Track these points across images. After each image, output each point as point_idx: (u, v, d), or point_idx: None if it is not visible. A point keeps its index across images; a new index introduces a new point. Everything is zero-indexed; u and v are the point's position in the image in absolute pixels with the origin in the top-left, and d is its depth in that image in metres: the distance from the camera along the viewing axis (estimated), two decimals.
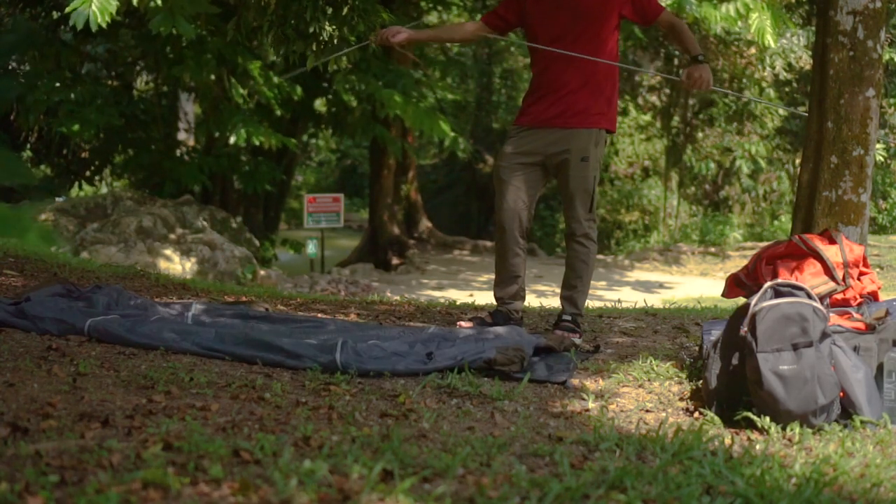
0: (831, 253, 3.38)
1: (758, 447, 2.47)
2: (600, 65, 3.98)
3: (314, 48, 5.43)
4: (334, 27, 5.33)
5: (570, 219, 4.04)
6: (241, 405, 2.59)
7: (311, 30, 5.28)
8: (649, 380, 3.24)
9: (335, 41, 5.40)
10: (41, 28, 11.00)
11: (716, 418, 2.73)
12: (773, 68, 16.67)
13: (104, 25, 5.30)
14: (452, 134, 12.70)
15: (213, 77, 11.37)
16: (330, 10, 5.27)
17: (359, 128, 14.07)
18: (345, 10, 5.25)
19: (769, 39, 8.42)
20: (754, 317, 2.71)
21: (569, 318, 4.05)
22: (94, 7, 5.24)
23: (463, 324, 4.11)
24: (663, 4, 8.81)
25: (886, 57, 13.35)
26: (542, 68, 4.04)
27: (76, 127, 10.73)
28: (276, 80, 12.03)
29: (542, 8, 4.00)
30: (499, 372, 3.14)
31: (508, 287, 4.11)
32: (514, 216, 4.02)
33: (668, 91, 17.93)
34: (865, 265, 3.47)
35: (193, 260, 10.16)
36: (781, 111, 17.28)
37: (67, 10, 5.28)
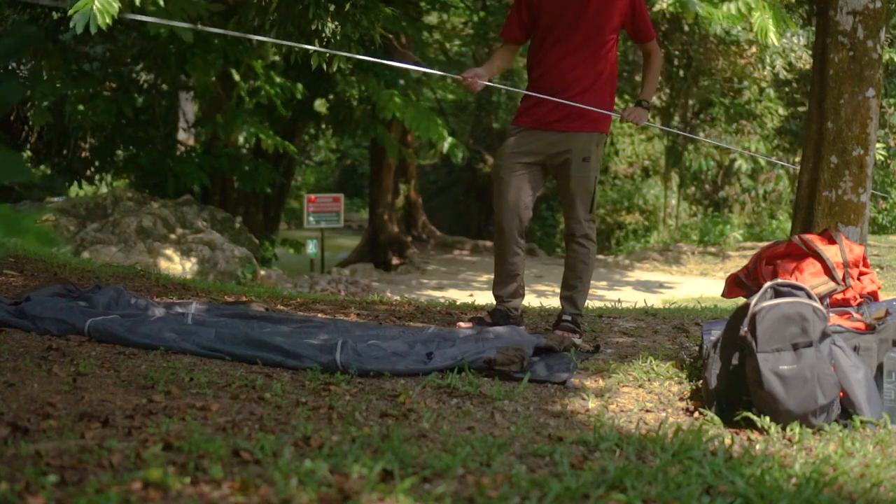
0: (831, 253, 3.39)
1: (758, 447, 2.47)
2: (606, 67, 3.99)
3: (316, 46, 5.44)
4: (336, 24, 5.34)
5: (571, 219, 4.04)
6: (241, 405, 2.59)
7: (314, 27, 5.29)
8: (649, 380, 3.24)
9: (337, 38, 5.41)
10: (41, 30, 10.98)
11: (716, 418, 2.73)
12: (773, 68, 16.67)
13: (104, 27, 5.29)
14: (451, 139, 12.60)
15: (214, 78, 11.36)
16: (332, 8, 5.27)
17: (360, 128, 14.05)
18: (347, 7, 5.25)
19: (772, 37, 8.41)
20: (754, 317, 2.70)
21: (569, 318, 4.05)
22: (95, 8, 5.23)
23: (462, 324, 4.12)
24: (665, 3, 8.73)
25: (886, 57, 13.35)
26: (545, 70, 4.02)
27: (81, 107, 10.71)
28: (277, 79, 12.02)
29: (548, 3, 3.99)
30: (499, 372, 3.14)
31: (508, 286, 4.12)
32: (514, 216, 4.02)
33: (668, 91, 17.92)
34: (865, 265, 3.47)
35: (193, 260, 10.16)
36: (781, 110, 17.28)
37: (70, 11, 5.27)
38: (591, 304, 5.74)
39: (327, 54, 5.50)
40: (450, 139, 12.53)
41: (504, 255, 4.08)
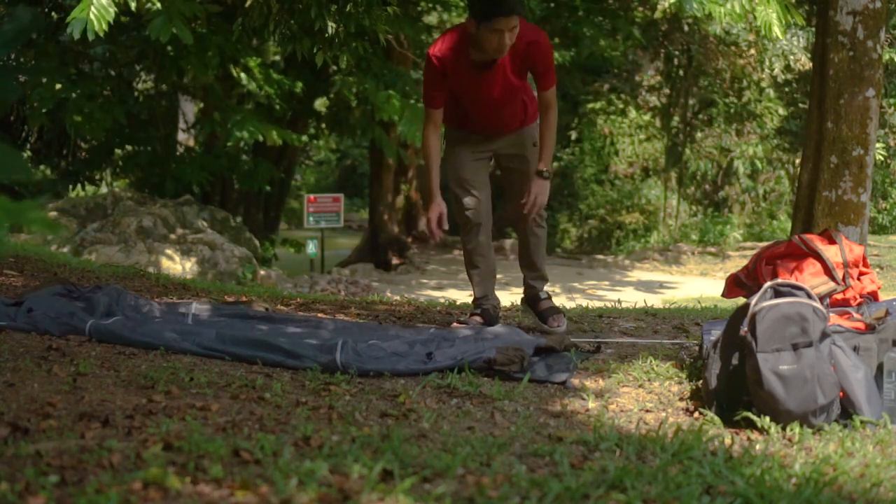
0: (831, 253, 3.39)
1: (758, 447, 2.47)
2: (527, 99, 3.95)
3: (320, 45, 5.45)
4: (340, 24, 5.35)
5: None
6: (241, 405, 2.59)
7: (317, 26, 5.29)
8: (649, 380, 3.23)
9: (341, 36, 5.42)
10: (43, 21, 10.92)
11: (716, 418, 2.72)
12: (773, 70, 16.67)
13: (101, 34, 5.31)
14: None
15: (214, 74, 11.34)
16: (334, 8, 5.28)
17: (359, 128, 14.04)
18: (348, 7, 5.26)
19: (776, 31, 8.37)
20: (754, 317, 2.70)
21: (546, 295, 4.19)
22: (91, 15, 5.24)
23: (457, 325, 4.11)
24: (666, 4, 8.69)
25: (886, 57, 13.34)
26: (471, 117, 3.99)
27: (79, 118, 10.70)
28: (275, 76, 12.02)
29: (458, 82, 3.91)
30: (499, 372, 3.14)
31: (491, 283, 4.18)
32: (484, 210, 4.08)
33: (667, 91, 17.92)
34: (865, 265, 3.47)
35: (193, 260, 10.16)
36: (781, 110, 17.27)
37: (67, 20, 5.29)
38: (591, 303, 5.74)
39: (331, 52, 5.53)
40: None
41: (482, 252, 4.12)
